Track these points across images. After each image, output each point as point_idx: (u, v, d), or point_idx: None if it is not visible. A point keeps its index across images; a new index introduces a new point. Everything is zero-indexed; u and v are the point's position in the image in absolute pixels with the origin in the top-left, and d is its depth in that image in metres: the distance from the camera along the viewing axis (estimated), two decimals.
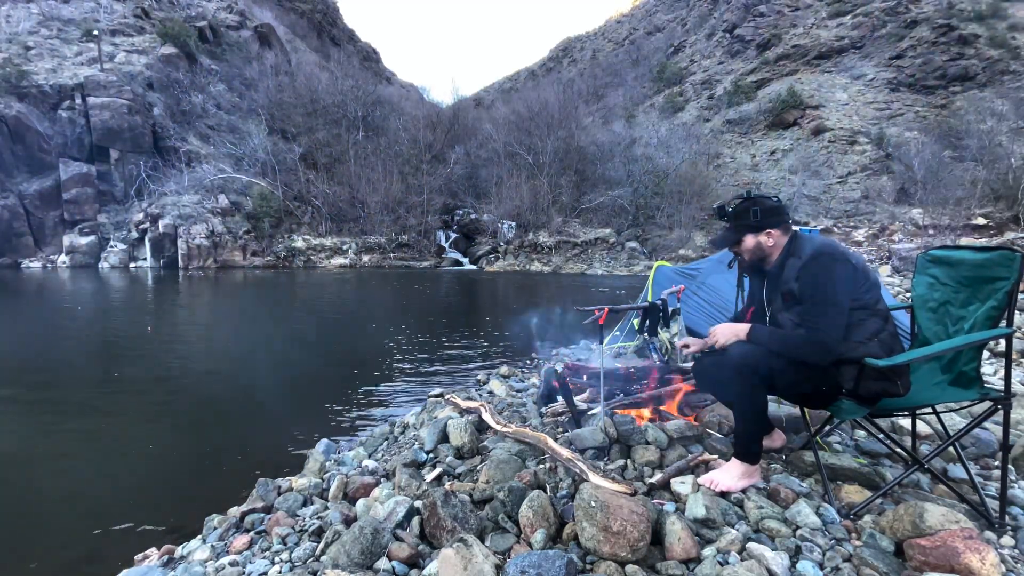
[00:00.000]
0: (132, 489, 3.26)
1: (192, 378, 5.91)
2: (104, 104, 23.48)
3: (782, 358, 1.74)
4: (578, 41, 78.05)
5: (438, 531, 1.78)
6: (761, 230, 1.89)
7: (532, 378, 4.62)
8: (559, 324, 8.77)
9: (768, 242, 1.90)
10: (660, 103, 42.39)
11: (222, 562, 2.09)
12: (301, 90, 32.50)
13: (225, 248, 23.54)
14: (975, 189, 22.19)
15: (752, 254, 1.95)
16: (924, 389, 1.86)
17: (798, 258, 1.81)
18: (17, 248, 22.12)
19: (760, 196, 1.92)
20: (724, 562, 1.48)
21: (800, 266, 1.79)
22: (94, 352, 7.27)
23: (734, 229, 1.96)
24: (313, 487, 2.67)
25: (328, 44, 56.28)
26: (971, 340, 1.71)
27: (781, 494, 1.81)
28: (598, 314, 2.65)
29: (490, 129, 33.93)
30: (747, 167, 32.01)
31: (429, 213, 29.80)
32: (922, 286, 2.09)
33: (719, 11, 49.45)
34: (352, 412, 4.64)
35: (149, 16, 31.45)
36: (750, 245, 1.93)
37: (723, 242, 2.02)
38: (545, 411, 2.86)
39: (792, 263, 1.83)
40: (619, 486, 1.72)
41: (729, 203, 1.99)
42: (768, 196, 1.93)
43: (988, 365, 3.96)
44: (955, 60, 31.04)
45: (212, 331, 9.29)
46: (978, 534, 1.43)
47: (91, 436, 4.16)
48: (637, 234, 28.35)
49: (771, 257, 1.93)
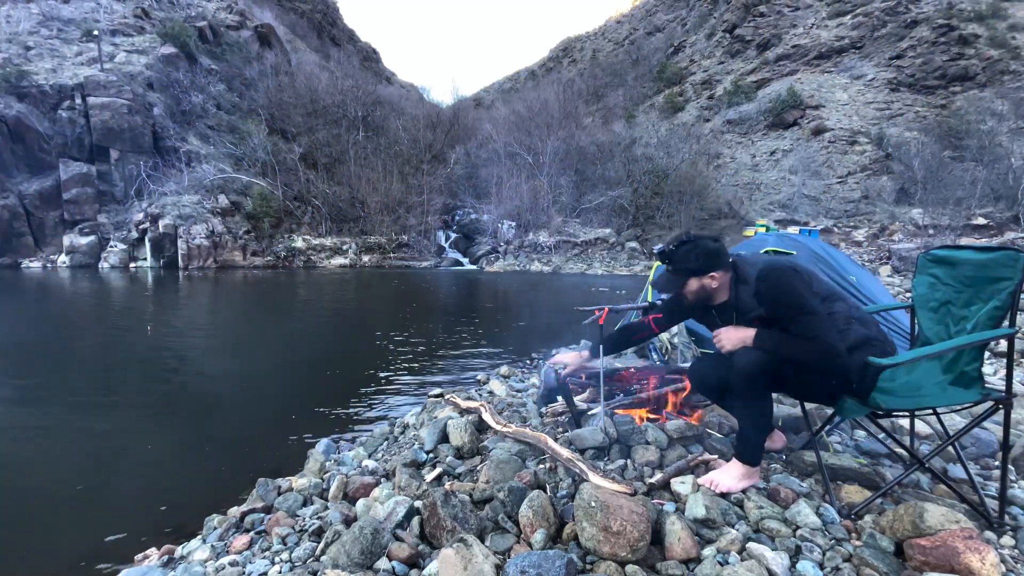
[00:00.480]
0: (132, 489, 3.26)
1: (192, 378, 5.90)
2: (104, 104, 23.46)
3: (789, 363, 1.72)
4: (578, 41, 77.99)
5: (438, 531, 1.78)
6: (704, 274, 1.86)
7: (532, 378, 4.62)
8: (559, 324, 8.78)
9: (712, 284, 1.87)
10: (660, 103, 42.39)
11: (222, 562, 2.09)
12: (301, 90, 32.48)
13: (225, 248, 23.54)
14: (975, 189, 22.20)
15: (696, 295, 1.92)
16: (925, 389, 1.86)
17: (747, 283, 1.81)
18: (17, 248, 22.11)
19: (700, 237, 1.89)
20: (724, 562, 1.48)
21: (753, 292, 1.78)
22: (94, 352, 7.27)
23: (676, 273, 1.92)
24: (313, 487, 2.67)
25: (328, 44, 56.28)
26: (974, 340, 1.71)
27: (781, 494, 1.81)
28: (598, 314, 2.65)
29: (490, 129, 33.95)
30: (747, 167, 32.01)
31: (429, 213, 29.80)
32: (923, 286, 2.09)
33: (719, 11, 49.41)
34: (352, 412, 4.64)
35: (149, 16, 31.45)
36: (693, 288, 1.90)
37: (668, 286, 1.97)
38: (545, 411, 2.86)
39: (743, 290, 1.83)
40: (619, 486, 1.72)
41: (668, 244, 1.94)
42: (708, 236, 1.91)
43: (988, 365, 3.96)
44: (955, 60, 31.03)
45: (212, 331, 9.29)
46: (978, 534, 1.43)
47: (91, 436, 4.15)
48: (637, 234, 28.36)
49: (716, 295, 1.91)
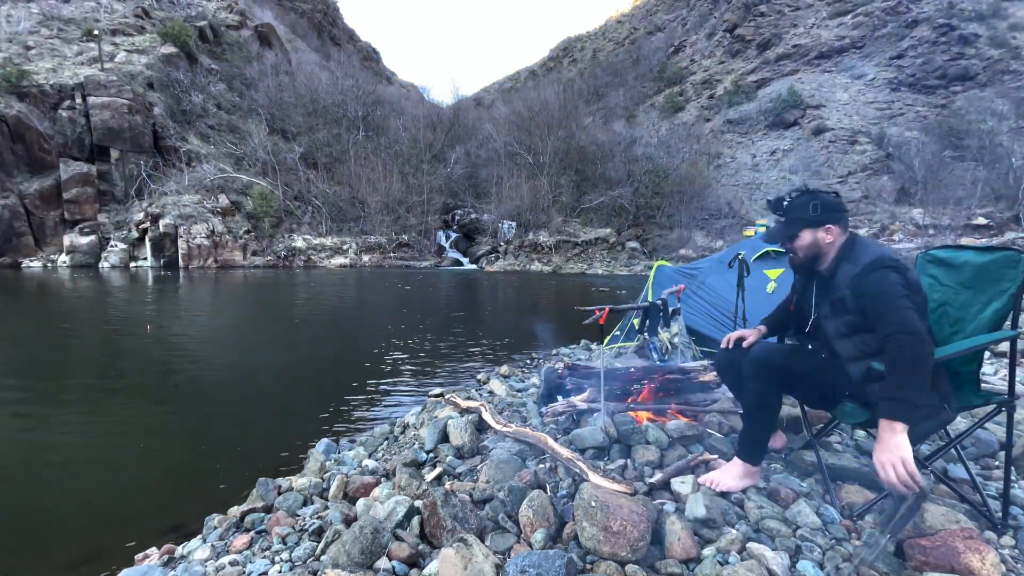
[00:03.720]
0: (132, 489, 3.26)
1: (192, 378, 5.90)
2: (104, 104, 23.48)
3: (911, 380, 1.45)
4: (578, 41, 77.99)
5: (438, 531, 1.78)
6: (820, 225, 1.75)
7: (532, 378, 4.61)
8: (559, 324, 8.78)
9: (826, 238, 1.75)
10: (660, 103, 42.39)
11: (222, 562, 2.09)
12: (301, 90, 32.52)
13: (225, 248, 23.55)
14: (975, 189, 22.20)
15: (807, 251, 1.80)
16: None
17: (854, 264, 1.68)
18: (17, 248, 22.12)
19: (819, 190, 1.80)
20: (724, 562, 1.48)
21: (855, 275, 1.65)
22: (94, 352, 7.27)
23: (789, 223, 1.81)
24: (313, 487, 2.67)
25: (328, 44, 56.31)
26: (980, 343, 1.69)
27: (781, 494, 1.81)
28: (598, 314, 2.64)
29: (490, 129, 33.97)
30: (747, 167, 32.00)
31: (429, 213, 29.82)
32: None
33: (719, 11, 49.40)
34: (352, 412, 4.64)
35: (149, 16, 31.47)
36: (806, 241, 1.78)
37: (777, 237, 1.87)
38: (545, 411, 2.86)
39: (846, 269, 1.70)
40: (619, 486, 1.72)
41: (785, 195, 1.85)
42: (827, 191, 1.80)
43: (988, 365, 3.96)
44: (955, 60, 31.02)
45: (212, 331, 9.29)
46: (978, 534, 1.43)
47: (91, 436, 4.16)
48: (637, 234, 28.37)
49: (826, 256, 1.78)
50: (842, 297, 1.68)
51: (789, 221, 1.82)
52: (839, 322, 1.70)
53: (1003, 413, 1.68)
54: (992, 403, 1.69)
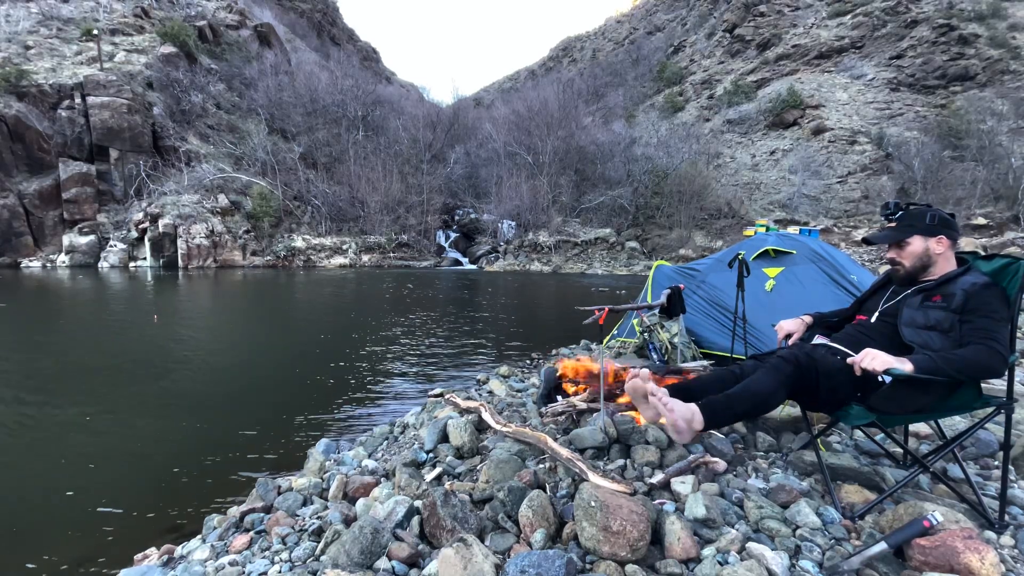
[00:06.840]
0: (132, 489, 3.26)
1: (192, 378, 5.90)
2: (104, 103, 23.44)
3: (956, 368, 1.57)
4: (578, 41, 77.99)
5: (438, 531, 1.78)
6: (933, 235, 1.75)
7: (532, 378, 4.61)
8: (559, 324, 8.78)
9: (937, 249, 1.76)
10: (660, 103, 42.40)
11: (222, 562, 2.09)
12: (301, 90, 32.46)
13: (225, 248, 23.52)
14: (975, 189, 22.22)
15: (915, 260, 1.79)
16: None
17: (977, 278, 1.70)
18: (17, 248, 22.09)
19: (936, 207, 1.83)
20: (724, 562, 1.48)
21: (981, 284, 1.67)
22: (93, 351, 7.26)
23: (901, 229, 1.80)
24: (313, 487, 2.67)
25: (328, 44, 56.30)
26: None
27: (781, 494, 1.81)
28: (598, 314, 2.65)
29: (490, 129, 33.94)
30: (747, 167, 32.01)
31: (429, 213, 29.80)
32: None
33: (719, 11, 49.40)
34: (352, 412, 4.64)
35: (149, 15, 31.44)
36: (917, 249, 1.78)
37: (884, 239, 1.84)
38: (545, 411, 2.86)
39: (969, 277, 1.71)
40: (619, 486, 1.72)
41: (900, 202, 1.86)
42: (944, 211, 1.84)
43: None
44: (955, 60, 31.03)
45: (212, 331, 9.28)
46: (978, 534, 1.43)
47: (91, 436, 4.15)
48: (637, 234, 28.37)
49: (933, 268, 1.78)
50: (952, 293, 1.70)
51: (901, 227, 1.82)
52: (923, 313, 1.73)
53: (1002, 414, 1.68)
54: (991, 405, 1.70)
